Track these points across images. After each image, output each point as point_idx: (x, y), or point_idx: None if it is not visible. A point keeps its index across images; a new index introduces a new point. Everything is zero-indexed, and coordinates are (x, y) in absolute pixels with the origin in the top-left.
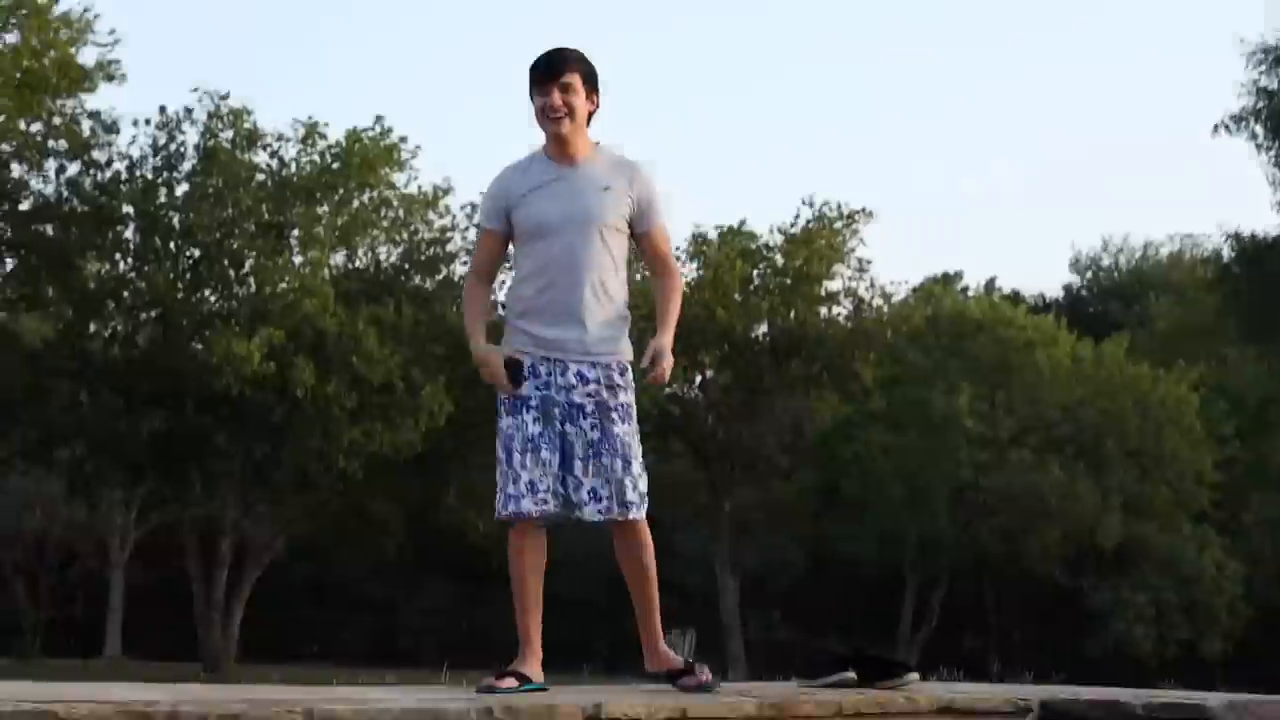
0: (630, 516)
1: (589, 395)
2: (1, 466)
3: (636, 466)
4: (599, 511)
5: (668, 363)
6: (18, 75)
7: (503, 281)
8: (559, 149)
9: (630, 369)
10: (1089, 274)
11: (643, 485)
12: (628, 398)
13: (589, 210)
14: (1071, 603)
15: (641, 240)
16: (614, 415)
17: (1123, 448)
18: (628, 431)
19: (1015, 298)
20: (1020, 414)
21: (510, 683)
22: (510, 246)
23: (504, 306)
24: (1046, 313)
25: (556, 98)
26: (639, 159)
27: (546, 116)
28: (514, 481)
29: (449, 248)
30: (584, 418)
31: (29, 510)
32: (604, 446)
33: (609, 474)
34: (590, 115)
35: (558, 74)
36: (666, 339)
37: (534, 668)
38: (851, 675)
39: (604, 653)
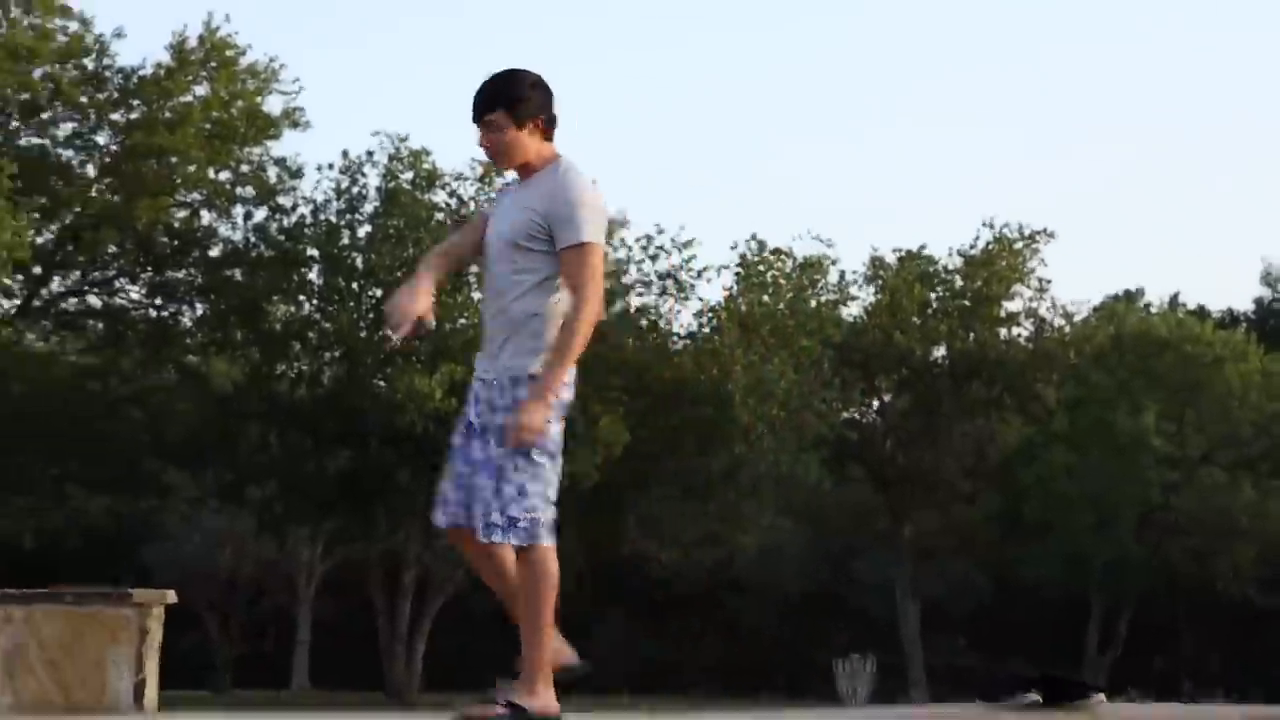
0: (494, 539)
1: (479, 414)
2: (195, 506)
3: (509, 490)
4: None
5: (527, 418)
6: (208, 126)
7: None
8: (516, 172)
9: (520, 384)
10: None
11: (514, 510)
12: (507, 419)
13: (504, 230)
14: (1268, 622)
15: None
16: (488, 437)
17: None
18: (499, 454)
19: (1201, 313)
20: (1210, 432)
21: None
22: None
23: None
24: (1235, 327)
25: (482, 138)
26: (574, 174)
27: None
28: None
29: (624, 280)
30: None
31: (221, 549)
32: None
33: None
34: (546, 132)
35: (478, 115)
36: (536, 389)
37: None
38: (1035, 697)
39: (782, 681)
